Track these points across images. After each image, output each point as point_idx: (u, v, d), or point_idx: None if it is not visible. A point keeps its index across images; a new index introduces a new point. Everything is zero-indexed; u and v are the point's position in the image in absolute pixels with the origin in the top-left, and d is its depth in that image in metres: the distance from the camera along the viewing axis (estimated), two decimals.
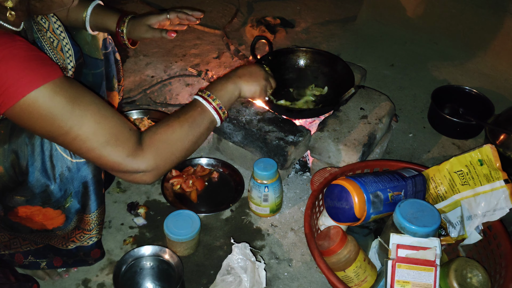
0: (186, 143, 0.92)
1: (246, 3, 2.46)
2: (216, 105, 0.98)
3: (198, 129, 0.94)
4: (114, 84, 1.31)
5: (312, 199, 1.09)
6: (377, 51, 2.12)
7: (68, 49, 1.03)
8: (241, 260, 1.02)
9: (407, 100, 1.82)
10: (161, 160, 0.87)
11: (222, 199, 1.33)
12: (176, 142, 0.90)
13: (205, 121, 0.96)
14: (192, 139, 0.93)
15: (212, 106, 0.97)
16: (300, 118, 1.41)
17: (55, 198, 0.92)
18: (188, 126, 0.92)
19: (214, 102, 0.98)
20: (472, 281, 0.92)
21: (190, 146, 0.93)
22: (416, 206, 0.96)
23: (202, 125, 0.95)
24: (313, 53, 1.54)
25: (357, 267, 1.00)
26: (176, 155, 0.91)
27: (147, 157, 0.85)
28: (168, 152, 0.89)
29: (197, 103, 0.97)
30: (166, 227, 1.12)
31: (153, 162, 0.86)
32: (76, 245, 1.03)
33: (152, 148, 0.86)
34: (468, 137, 1.63)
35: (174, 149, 0.90)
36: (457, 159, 1.07)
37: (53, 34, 1.00)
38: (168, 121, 0.92)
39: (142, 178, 0.88)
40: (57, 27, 1.01)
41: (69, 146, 0.81)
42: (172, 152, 0.89)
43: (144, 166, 0.85)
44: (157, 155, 0.87)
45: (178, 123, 0.91)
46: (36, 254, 1.03)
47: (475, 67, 2.01)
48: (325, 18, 2.38)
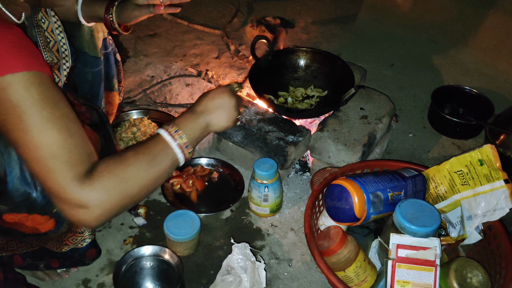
0: (141, 181, 0.80)
1: (246, 3, 2.46)
2: (182, 143, 0.86)
3: (157, 168, 0.82)
4: (114, 84, 1.30)
5: (312, 199, 1.09)
6: (377, 51, 2.12)
7: (65, 50, 1.02)
8: (241, 260, 1.02)
9: (407, 100, 1.82)
10: (109, 197, 0.76)
11: (222, 199, 1.33)
12: (129, 179, 0.78)
13: (166, 160, 0.84)
14: (150, 178, 0.82)
15: (178, 144, 0.85)
16: (300, 118, 1.41)
17: (39, 205, 0.89)
18: (147, 163, 0.81)
19: (180, 140, 0.86)
20: (472, 281, 0.91)
21: (147, 186, 0.82)
22: (416, 206, 0.96)
23: (163, 164, 0.83)
24: (313, 53, 1.55)
25: (357, 267, 1.00)
26: (129, 194, 0.79)
27: (94, 189, 0.74)
28: (118, 189, 0.77)
29: (161, 138, 0.85)
30: (166, 227, 1.12)
31: (98, 197, 0.74)
32: (70, 248, 1.02)
33: (102, 182, 0.75)
34: (468, 137, 1.63)
35: (127, 186, 0.78)
36: (457, 159, 1.07)
37: (50, 35, 0.99)
38: (125, 154, 0.81)
39: (83, 217, 0.75)
40: (57, 27, 1.01)
41: (20, 147, 0.74)
42: (123, 190, 0.78)
43: (87, 198, 0.74)
44: (105, 190, 0.75)
45: (136, 158, 0.80)
46: (33, 256, 1.03)
47: (475, 67, 2.01)
48: (325, 18, 2.38)
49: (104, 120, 1.13)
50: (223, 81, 1.81)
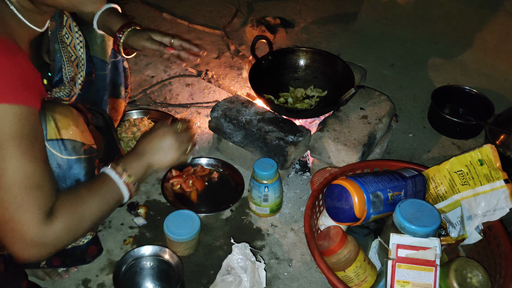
0: (94, 218, 0.86)
1: (246, 3, 2.46)
2: (130, 182, 0.91)
3: (107, 205, 0.88)
4: (121, 91, 1.31)
5: (312, 199, 1.09)
6: (377, 51, 2.12)
7: (82, 65, 1.05)
8: (241, 260, 1.02)
9: (407, 100, 1.82)
10: (67, 236, 0.81)
11: (222, 199, 1.32)
12: (85, 218, 0.83)
13: (114, 197, 0.90)
14: (101, 214, 0.88)
15: (125, 183, 0.90)
16: (300, 118, 1.41)
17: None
18: (98, 201, 0.86)
19: (128, 179, 0.91)
20: (472, 281, 0.92)
21: (97, 221, 0.88)
22: (416, 206, 0.96)
23: (112, 201, 0.89)
24: (313, 53, 1.54)
25: (357, 267, 1.00)
26: (82, 230, 0.85)
27: (55, 229, 0.77)
28: (76, 228, 0.82)
29: (108, 178, 0.90)
30: (166, 227, 1.12)
31: (58, 236, 0.78)
32: (72, 245, 1.03)
33: (63, 222, 0.79)
34: (468, 137, 1.63)
35: (82, 224, 0.83)
36: (457, 159, 1.07)
37: (73, 50, 1.02)
38: (79, 191, 0.85)
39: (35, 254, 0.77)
40: (79, 42, 1.03)
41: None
42: (79, 228, 0.83)
43: (48, 237, 0.77)
44: (65, 230, 0.79)
45: (89, 197, 0.85)
46: None
47: (475, 67, 2.01)
48: (325, 18, 2.38)
49: (109, 124, 1.15)
50: (223, 81, 1.81)
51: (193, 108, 1.67)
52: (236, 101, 1.43)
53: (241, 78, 1.84)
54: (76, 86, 1.03)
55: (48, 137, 0.86)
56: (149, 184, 1.36)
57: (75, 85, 1.03)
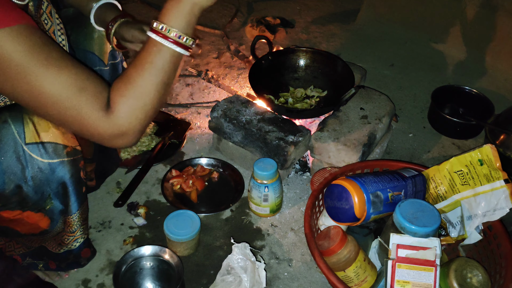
0: (155, 91, 0.81)
1: (246, 3, 2.46)
2: (174, 36, 0.81)
3: (161, 72, 0.81)
4: None
5: (312, 199, 1.09)
6: (377, 51, 2.12)
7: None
8: (241, 260, 1.02)
9: (407, 100, 1.82)
10: (134, 118, 0.79)
11: (222, 199, 1.32)
12: (144, 95, 0.80)
13: (167, 60, 0.82)
14: (159, 84, 0.82)
15: (171, 40, 0.81)
16: (300, 118, 1.41)
17: (32, 200, 0.89)
18: (149, 72, 0.81)
19: (171, 34, 0.81)
20: (472, 281, 0.91)
21: (160, 92, 0.82)
22: (416, 206, 0.96)
23: (165, 66, 0.82)
24: (313, 53, 1.55)
25: (357, 267, 1.00)
26: (149, 108, 0.81)
27: (119, 118, 0.78)
28: (138, 107, 0.80)
29: (151, 42, 0.82)
30: (166, 227, 1.12)
31: (126, 122, 0.79)
32: (65, 250, 1.02)
33: (122, 109, 0.78)
34: (468, 137, 1.63)
35: (144, 102, 0.80)
36: (457, 159, 1.07)
37: (51, 36, 0.98)
38: (128, 73, 0.82)
39: (123, 142, 0.81)
40: (59, 29, 1.00)
41: (36, 104, 0.75)
42: (142, 105, 0.80)
43: (118, 128, 0.79)
44: (129, 114, 0.79)
45: (137, 74, 0.81)
46: (33, 255, 1.02)
47: (475, 67, 2.01)
48: (325, 18, 2.38)
49: None
50: (223, 81, 1.81)
51: (193, 108, 1.67)
52: (236, 101, 1.43)
53: (241, 78, 1.84)
54: None
55: (27, 141, 0.84)
56: (149, 184, 1.36)
57: None
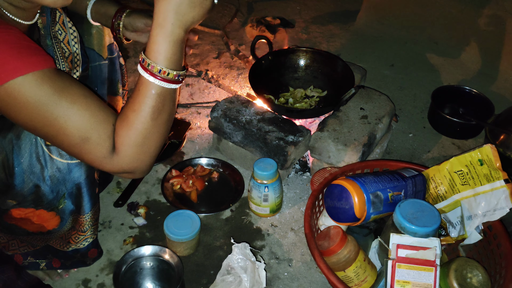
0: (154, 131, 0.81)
1: (246, 3, 2.46)
2: (161, 74, 0.78)
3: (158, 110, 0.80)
4: (118, 89, 1.29)
5: (312, 199, 1.09)
6: (377, 51, 2.12)
7: (77, 60, 1.03)
8: (241, 260, 1.02)
9: (407, 100, 1.82)
10: (139, 160, 0.82)
11: (222, 199, 1.32)
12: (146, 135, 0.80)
13: (160, 97, 0.79)
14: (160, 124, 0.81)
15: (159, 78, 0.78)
16: (300, 118, 1.41)
17: (47, 200, 0.91)
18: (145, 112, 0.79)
19: (156, 72, 0.77)
20: (472, 281, 0.91)
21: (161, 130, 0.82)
22: (416, 206, 0.96)
23: (160, 103, 0.80)
24: (313, 53, 1.54)
25: (357, 267, 1.00)
26: (152, 147, 0.83)
27: (124, 159, 0.81)
28: (140, 148, 0.81)
29: (141, 80, 0.80)
30: (166, 227, 1.12)
31: (130, 164, 0.82)
32: (73, 248, 1.03)
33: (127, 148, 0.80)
34: (468, 137, 1.63)
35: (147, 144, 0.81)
36: (457, 159, 1.07)
37: (66, 46, 1.00)
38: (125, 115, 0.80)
39: (132, 176, 0.85)
40: (73, 38, 1.02)
41: (52, 139, 0.79)
42: (146, 149, 0.82)
43: (123, 167, 0.82)
44: (133, 156, 0.81)
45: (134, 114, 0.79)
46: (35, 254, 1.03)
47: (475, 67, 2.01)
48: (325, 18, 2.38)
49: None
50: (223, 81, 1.81)
51: (193, 108, 1.67)
52: (236, 101, 1.43)
53: (241, 78, 1.84)
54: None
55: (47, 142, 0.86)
56: (149, 184, 1.36)
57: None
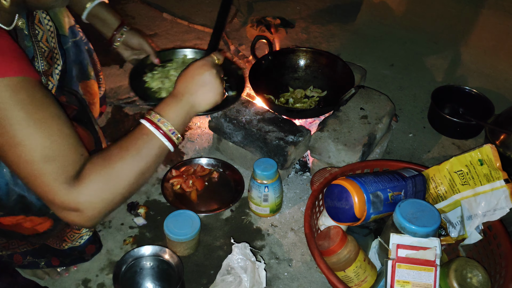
0: (129, 177, 0.79)
1: (246, 3, 2.46)
2: (167, 131, 0.83)
3: (144, 161, 0.80)
4: (90, 72, 1.27)
5: (312, 199, 1.09)
6: (377, 51, 2.12)
7: (56, 54, 1.02)
8: (241, 260, 1.02)
9: (407, 100, 1.82)
10: (98, 199, 0.76)
11: (222, 199, 1.32)
12: (117, 178, 0.77)
13: (153, 151, 0.81)
14: (137, 172, 0.80)
15: (162, 132, 0.82)
16: (300, 118, 1.41)
17: (36, 207, 0.89)
18: (132, 157, 0.79)
19: (165, 127, 0.83)
20: (472, 281, 0.92)
21: (135, 180, 0.80)
22: (416, 206, 0.96)
23: (150, 155, 0.81)
24: (313, 53, 1.54)
25: (357, 267, 1.00)
26: (118, 192, 0.78)
27: (83, 193, 0.74)
28: (107, 190, 0.76)
29: (143, 129, 0.82)
30: (166, 227, 1.12)
31: (88, 200, 0.75)
32: (69, 246, 1.03)
33: (90, 185, 0.75)
34: (468, 137, 1.63)
35: (115, 185, 0.77)
36: (457, 159, 1.07)
37: (44, 44, 0.99)
38: (110, 151, 0.79)
39: (76, 219, 0.76)
40: (50, 33, 1.01)
41: (8, 152, 0.72)
42: (112, 190, 0.77)
43: (77, 202, 0.74)
44: (94, 193, 0.75)
45: (120, 155, 0.78)
46: (34, 254, 1.03)
47: (475, 67, 2.01)
48: (325, 18, 2.38)
49: (83, 104, 1.12)
50: None
51: None
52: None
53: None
54: (53, 78, 1.00)
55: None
56: (149, 184, 1.36)
57: (52, 77, 1.00)
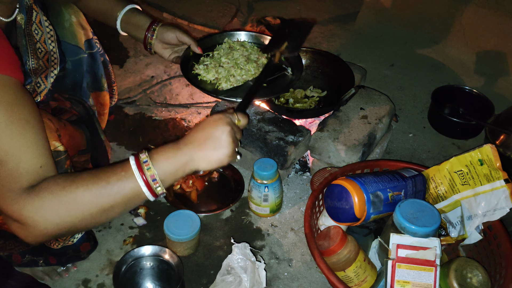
0: (86, 209, 0.72)
1: (246, 3, 2.46)
2: (148, 176, 0.75)
3: (110, 198, 0.73)
4: (103, 84, 1.27)
5: (312, 199, 1.09)
6: (377, 51, 2.12)
7: (54, 59, 1.02)
8: (241, 260, 1.02)
9: (407, 100, 1.82)
10: (43, 219, 0.69)
11: (222, 199, 1.33)
12: (71, 204, 0.71)
13: (124, 192, 0.74)
14: (98, 207, 0.72)
15: (143, 177, 0.75)
16: (300, 118, 1.41)
17: None
18: (98, 190, 0.72)
19: (147, 172, 0.75)
20: (472, 281, 0.92)
21: (93, 215, 0.73)
22: (416, 206, 0.96)
23: (118, 195, 0.73)
24: (313, 53, 1.54)
25: (357, 267, 1.00)
26: (68, 220, 0.71)
27: (29, 207, 0.69)
28: (55, 213, 0.70)
29: (126, 165, 0.76)
30: (166, 227, 1.12)
31: (32, 216, 0.69)
32: (62, 245, 1.03)
33: (39, 201, 0.69)
34: (468, 137, 1.63)
35: (66, 212, 0.71)
36: (457, 159, 1.07)
37: (42, 45, 0.99)
38: (80, 175, 0.74)
39: (19, 232, 0.71)
40: (49, 37, 1.01)
41: None
42: (61, 215, 0.70)
43: (21, 214, 0.69)
44: (40, 211, 0.69)
45: (87, 182, 0.72)
46: (32, 252, 1.03)
47: (475, 67, 2.01)
48: (325, 18, 2.38)
49: (90, 113, 1.13)
50: None
51: (193, 108, 1.67)
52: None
53: None
54: (47, 80, 0.99)
55: None
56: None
57: (46, 79, 0.99)
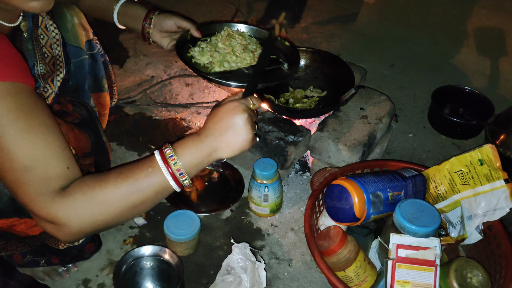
0: (117, 207, 0.75)
1: (246, 3, 2.46)
2: (175, 170, 0.78)
3: (139, 194, 0.76)
4: (104, 84, 1.27)
5: (312, 199, 1.09)
6: (377, 51, 2.12)
7: (60, 62, 1.02)
8: (241, 260, 1.02)
9: (407, 100, 1.82)
10: (77, 219, 0.72)
11: (222, 199, 1.33)
12: (103, 204, 0.74)
13: (153, 187, 0.77)
14: (128, 204, 0.75)
15: (170, 171, 0.77)
16: (300, 118, 1.41)
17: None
18: (127, 187, 0.75)
19: (173, 166, 0.78)
20: (472, 281, 0.92)
21: (124, 212, 0.76)
22: (416, 206, 0.96)
23: (147, 191, 0.77)
24: (313, 53, 1.54)
25: (357, 267, 1.00)
26: (101, 219, 0.74)
27: (62, 208, 0.71)
28: (88, 212, 0.73)
29: (152, 161, 0.78)
30: (166, 227, 1.12)
31: (66, 217, 0.72)
32: (67, 245, 1.03)
33: (72, 202, 0.72)
34: (468, 137, 1.63)
35: (99, 211, 0.74)
36: (457, 159, 1.07)
37: (48, 50, 0.99)
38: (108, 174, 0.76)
39: (54, 232, 0.74)
40: (55, 41, 1.01)
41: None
42: (94, 214, 0.73)
43: (56, 216, 0.71)
44: (74, 212, 0.72)
45: (115, 181, 0.75)
46: (33, 253, 1.03)
47: (475, 67, 2.01)
48: (325, 18, 2.38)
49: (93, 116, 1.13)
50: None
51: (193, 108, 1.67)
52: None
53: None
54: (54, 84, 1.00)
55: None
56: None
57: (53, 83, 1.00)
